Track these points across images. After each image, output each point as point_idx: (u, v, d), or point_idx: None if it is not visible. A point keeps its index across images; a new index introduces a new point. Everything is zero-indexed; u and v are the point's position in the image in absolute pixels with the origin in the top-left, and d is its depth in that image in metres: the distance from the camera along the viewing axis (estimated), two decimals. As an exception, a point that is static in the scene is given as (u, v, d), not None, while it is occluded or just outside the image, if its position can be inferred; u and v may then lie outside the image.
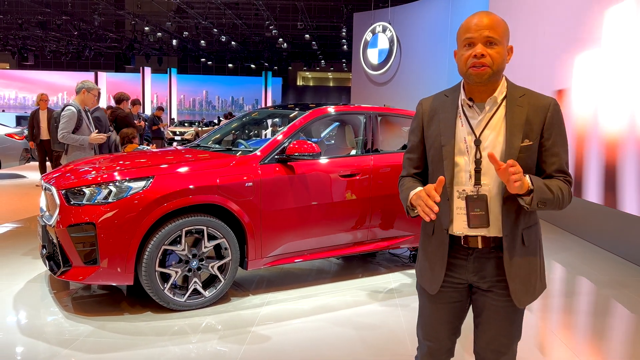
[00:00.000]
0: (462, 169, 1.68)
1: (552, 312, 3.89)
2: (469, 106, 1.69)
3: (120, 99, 7.77)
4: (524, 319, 1.82)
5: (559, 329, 3.58)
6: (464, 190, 1.66)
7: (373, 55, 15.69)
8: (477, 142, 1.66)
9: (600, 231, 5.81)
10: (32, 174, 10.25)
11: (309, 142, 3.96)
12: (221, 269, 3.70)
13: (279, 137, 4.06)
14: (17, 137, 9.83)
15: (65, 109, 5.04)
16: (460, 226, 1.69)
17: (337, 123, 5.35)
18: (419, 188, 1.68)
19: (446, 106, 1.74)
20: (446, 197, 1.68)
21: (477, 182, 1.65)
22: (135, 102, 9.02)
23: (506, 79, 1.72)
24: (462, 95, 1.71)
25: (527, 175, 1.57)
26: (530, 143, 1.63)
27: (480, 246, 1.69)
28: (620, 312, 3.97)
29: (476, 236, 1.68)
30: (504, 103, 1.68)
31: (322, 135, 5.97)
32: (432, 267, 1.77)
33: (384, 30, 15.29)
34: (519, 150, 1.63)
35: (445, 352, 1.85)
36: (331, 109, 4.45)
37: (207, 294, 3.65)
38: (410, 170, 1.83)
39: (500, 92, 1.68)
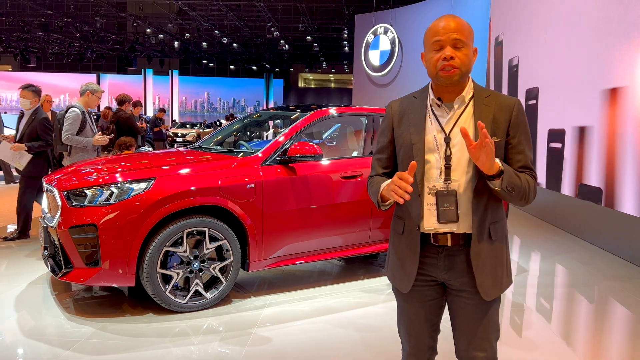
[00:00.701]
0: (432, 166, 1.73)
1: (553, 314, 3.88)
2: (438, 105, 1.75)
3: (122, 100, 7.78)
4: (525, 321, 1.81)
5: (560, 331, 3.57)
6: (434, 186, 1.71)
7: (374, 57, 15.69)
8: (447, 140, 1.71)
9: (602, 232, 5.80)
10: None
11: (310, 143, 3.96)
12: (223, 270, 3.69)
13: (281, 138, 4.06)
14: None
15: (70, 110, 5.05)
16: (430, 222, 1.73)
17: (339, 124, 5.35)
18: (389, 181, 1.72)
19: (415, 106, 1.80)
20: (417, 193, 1.73)
21: (447, 178, 1.70)
22: (137, 104, 9.04)
23: (472, 80, 1.79)
24: (431, 96, 1.78)
25: (497, 159, 1.63)
26: (498, 140, 1.69)
27: (449, 244, 1.73)
28: (621, 313, 3.95)
29: (445, 234, 1.72)
30: (471, 102, 1.74)
31: (324, 136, 5.97)
32: (404, 265, 1.80)
33: (385, 32, 15.29)
34: None
35: (427, 350, 1.88)
36: (333, 111, 4.45)
37: (208, 295, 3.65)
38: (379, 170, 1.87)
39: (468, 92, 1.75)
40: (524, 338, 3.41)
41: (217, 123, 21.81)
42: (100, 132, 5.27)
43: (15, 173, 9.90)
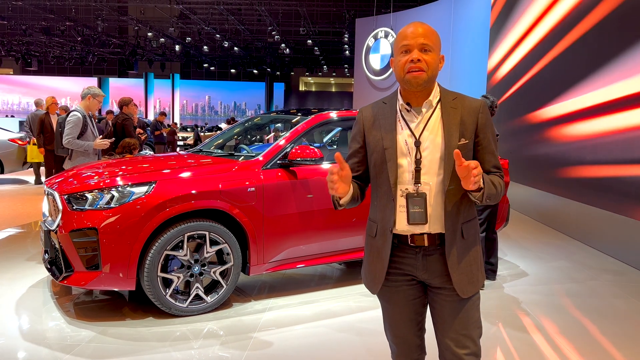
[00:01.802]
0: (405, 169, 1.77)
1: (553, 317, 3.87)
2: (407, 110, 1.80)
3: (121, 103, 7.81)
4: (527, 325, 1.82)
5: (560, 335, 3.56)
6: (406, 189, 1.76)
7: (375, 61, 15.71)
8: (417, 143, 1.76)
9: (604, 237, 5.78)
10: (34, 178, 10.26)
11: (311, 147, 3.96)
12: (223, 274, 3.69)
13: (281, 142, 4.06)
14: (20, 142, 9.85)
15: (71, 114, 5.06)
16: (402, 224, 1.77)
17: (340, 128, 5.36)
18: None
19: (385, 112, 1.84)
20: (391, 197, 1.78)
21: (417, 180, 1.75)
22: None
23: (438, 84, 1.84)
24: (400, 101, 1.82)
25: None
26: (467, 142, 1.76)
27: (426, 244, 1.77)
28: (622, 317, 3.94)
29: (422, 234, 1.77)
30: (439, 106, 1.80)
31: (325, 140, 5.97)
32: (373, 267, 1.85)
33: (386, 36, 15.32)
34: (457, 148, 1.73)
35: (415, 349, 1.92)
36: (333, 114, 4.45)
37: (209, 299, 3.64)
38: None
39: (435, 96, 1.80)
40: (524, 344, 3.40)
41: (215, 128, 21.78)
42: (101, 136, 5.28)
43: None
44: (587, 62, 6.25)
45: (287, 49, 25.21)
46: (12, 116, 29.43)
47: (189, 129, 22.91)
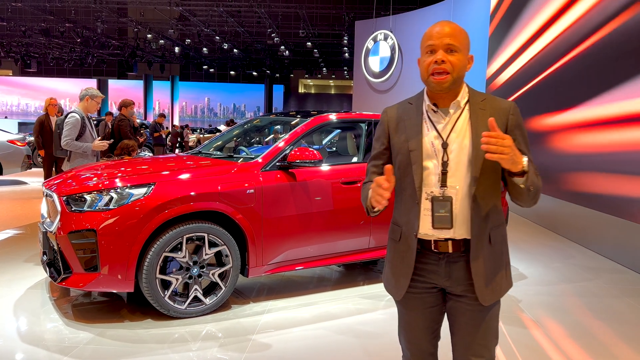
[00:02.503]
0: (431, 172, 1.71)
1: (552, 317, 3.86)
2: (434, 111, 1.75)
3: (120, 105, 7.83)
4: (527, 325, 1.81)
5: (559, 335, 3.56)
6: (431, 192, 1.70)
7: (374, 63, 15.72)
8: (444, 145, 1.70)
9: (604, 240, 5.79)
10: (33, 180, 10.26)
11: (310, 149, 3.96)
12: (222, 276, 3.68)
13: (281, 144, 4.06)
14: (19, 144, 9.85)
15: (69, 116, 5.06)
16: (426, 227, 1.72)
17: (339, 130, 5.36)
18: None
19: (411, 113, 1.79)
20: (415, 200, 1.73)
21: (444, 183, 1.69)
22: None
23: (467, 85, 1.78)
24: (427, 102, 1.76)
25: (525, 157, 1.60)
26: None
27: (450, 250, 1.72)
28: (620, 318, 3.94)
29: (446, 240, 1.71)
30: (467, 107, 1.74)
31: (324, 142, 5.97)
32: (398, 272, 1.80)
33: (385, 38, 15.34)
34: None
35: (428, 356, 1.87)
36: (333, 117, 4.45)
37: (207, 301, 3.63)
38: (372, 177, 1.83)
39: (463, 96, 1.74)
40: (524, 348, 3.40)
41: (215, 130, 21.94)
42: (99, 138, 5.27)
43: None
44: (589, 74, 6.26)
45: (287, 51, 25.23)
46: (6, 117, 29.41)
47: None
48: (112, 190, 3.47)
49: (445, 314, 1.85)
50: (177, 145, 18.56)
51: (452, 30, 1.69)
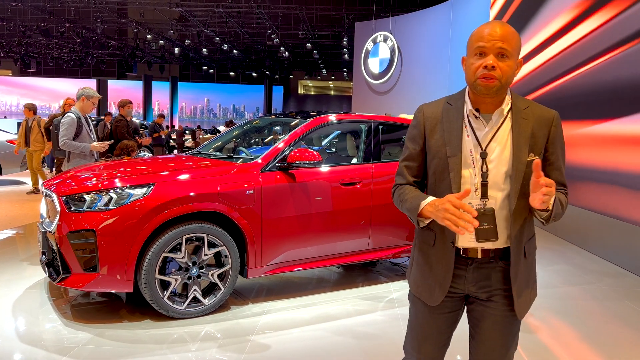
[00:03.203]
0: (467, 181, 1.65)
1: (551, 318, 3.87)
2: (475, 117, 1.67)
3: (119, 105, 7.82)
4: (527, 326, 1.81)
5: (561, 341, 3.56)
6: (470, 203, 1.62)
7: (374, 65, 15.74)
8: (484, 155, 1.63)
9: (602, 241, 5.79)
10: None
11: (310, 150, 3.96)
12: (221, 276, 3.68)
13: (280, 145, 4.06)
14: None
15: (65, 115, 5.08)
16: (466, 239, 1.66)
17: (338, 131, 5.36)
18: (431, 198, 1.63)
19: (450, 115, 1.70)
20: None
21: (484, 195, 1.63)
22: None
23: (511, 91, 1.70)
24: (469, 105, 1.68)
25: (554, 198, 1.55)
26: (536, 157, 1.61)
27: (480, 256, 1.68)
28: (619, 319, 3.94)
29: (476, 247, 1.68)
30: (509, 115, 1.66)
31: (323, 143, 5.97)
32: (435, 278, 1.73)
33: (385, 40, 15.35)
34: (526, 164, 1.62)
35: None
36: (332, 118, 4.46)
37: (206, 302, 3.63)
38: (410, 179, 1.77)
39: (507, 104, 1.67)
40: (524, 346, 3.40)
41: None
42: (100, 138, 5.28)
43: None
44: (591, 86, 6.27)
45: (286, 52, 25.24)
46: (5, 117, 29.37)
47: (187, 132, 22.94)
48: (111, 191, 3.47)
49: (467, 317, 1.81)
50: (182, 145, 18.91)
51: (505, 33, 1.58)
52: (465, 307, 1.80)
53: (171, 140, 19.82)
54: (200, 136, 19.71)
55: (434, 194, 1.69)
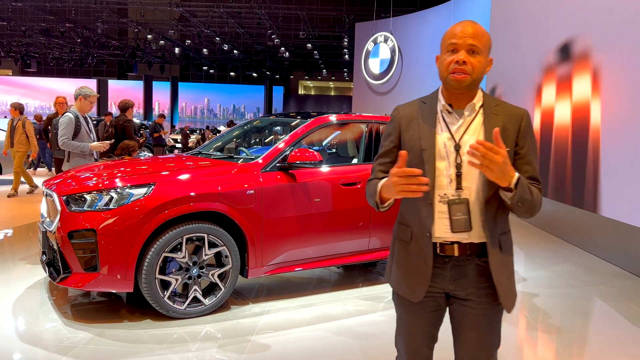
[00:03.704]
0: (442, 173, 1.70)
1: (552, 319, 3.87)
2: (449, 112, 1.73)
3: (124, 107, 7.81)
4: (527, 327, 1.81)
5: (561, 341, 3.56)
6: (445, 194, 1.68)
7: (374, 65, 15.75)
8: (457, 147, 1.69)
9: (602, 242, 5.79)
10: (35, 180, 10.24)
11: (310, 150, 3.96)
12: (221, 276, 3.68)
13: (281, 145, 4.06)
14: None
15: (63, 115, 5.09)
16: (442, 230, 1.70)
17: (339, 132, 5.36)
18: (386, 179, 1.67)
19: (425, 112, 1.78)
20: (428, 201, 1.70)
21: (459, 186, 1.68)
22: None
23: (481, 89, 1.78)
24: (442, 101, 1.75)
25: (516, 172, 1.61)
26: (507, 149, 1.64)
27: (456, 254, 1.71)
28: (622, 324, 3.94)
29: (452, 244, 1.70)
30: (481, 110, 1.73)
31: (324, 143, 5.97)
32: (415, 273, 1.75)
33: (385, 40, 15.36)
34: None
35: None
36: (333, 118, 4.46)
37: (207, 302, 3.63)
38: (379, 175, 1.81)
39: (478, 99, 1.74)
40: (524, 346, 3.40)
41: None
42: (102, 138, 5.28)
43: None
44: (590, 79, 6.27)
45: (287, 53, 25.27)
46: (5, 117, 29.32)
47: (188, 132, 22.98)
48: (112, 190, 3.46)
49: (449, 317, 1.83)
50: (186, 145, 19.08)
51: (475, 30, 1.67)
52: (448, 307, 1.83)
53: (170, 140, 19.91)
54: (209, 136, 19.92)
55: None
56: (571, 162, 6.57)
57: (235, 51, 26.52)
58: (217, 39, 23.56)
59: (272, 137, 7.46)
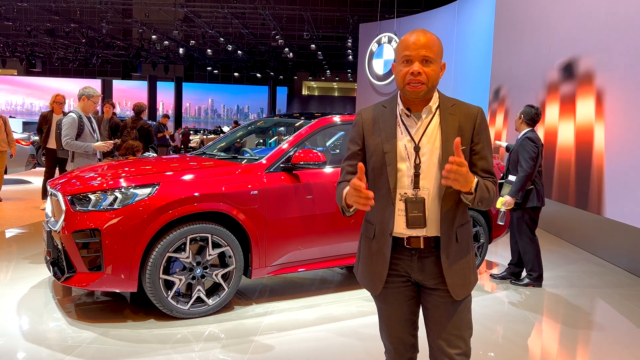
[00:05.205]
0: (404, 174, 1.80)
1: (557, 325, 3.86)
2: (407, 115, 1.83)
3: (140, 110, 7.94)
4: (527, 328, 1.81)
5: (564, 342, 3.55)
6: (405, 193, 1.79)
7: (378, 66, 15.73)
8: (417, 149, 1.80)
9: (608, 245, 5.77)
10: (37, 179, 10.29)
11: (314, 151, 3.97)
12: (225, 277, 3.69)
13: (285, 145, 4.06)
14: (23, 143, 9.87)
15: (66, 115, 5.12)
16: (400, 227, 1.81)
17: (343, 132, 5.36)
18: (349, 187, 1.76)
19: (385, 116, 1.87)
20: (390, 201, 1.81)
21: (416, 185, 1.79)
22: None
23: (438, 91, 1.87)
24: (401, 106, 1.85)
25: (476, 177, 1.72)
26: (464, 147, 1.77)
27: (422, 246, 1.82)
28: (626, 326, 3.93)
29: (418, 237, 1.81)
30: (437, 112, 1.83)
31: (328, 144, 5.97)
32: (375, 268, 1.87)
33: (389, 41, 15.35)
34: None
35: (409, 348, 1.96)
36: (337, 118, 4.46)
37: (210, 302, 3.64)
38: (347, 177, 1.90)
39: (434, 102, 1.84)
40: (526, 347, 3.39)
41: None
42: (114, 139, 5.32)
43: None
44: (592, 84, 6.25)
45: (291, 53, 25.27)
46: (10, 116, 29.46)
47: (192, 132, 23.03)
48: (116, 190, 3.48)
49: (421, 306, 1.93)
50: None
51: (427, 41, 1.75)
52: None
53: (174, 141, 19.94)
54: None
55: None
56: (574, 164, 6.56)
57: (239, 51, 26.54)
58: (221, 39, 23.59)
59: (276, 137, 7.47)
